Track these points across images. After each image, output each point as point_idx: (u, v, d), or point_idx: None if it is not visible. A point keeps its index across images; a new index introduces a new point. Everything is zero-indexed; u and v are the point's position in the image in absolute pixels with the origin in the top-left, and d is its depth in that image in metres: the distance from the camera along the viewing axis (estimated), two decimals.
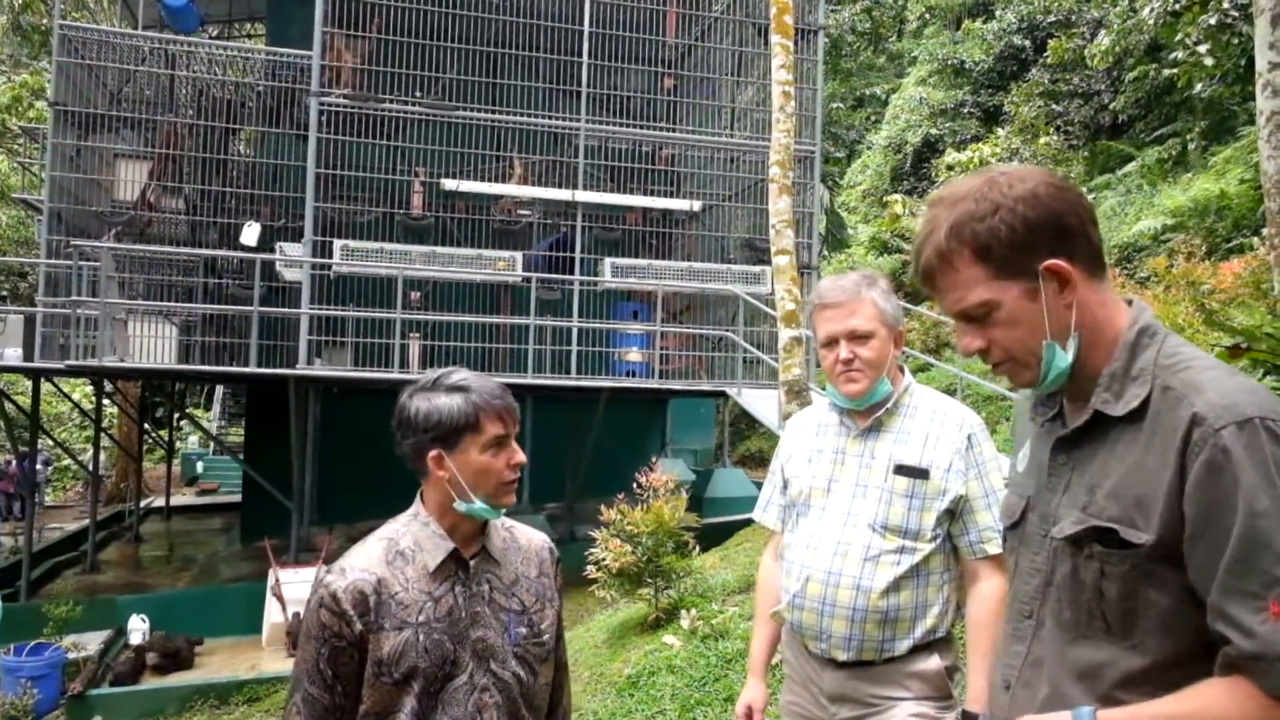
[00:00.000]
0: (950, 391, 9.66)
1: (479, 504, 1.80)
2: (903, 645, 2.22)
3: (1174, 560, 1.30)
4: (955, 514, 2.24)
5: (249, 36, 18.10)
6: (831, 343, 2.31)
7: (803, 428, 2.50)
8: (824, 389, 2.60)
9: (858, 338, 2.28)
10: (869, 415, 2.32)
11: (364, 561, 1.80)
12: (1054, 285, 1.38)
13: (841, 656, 2.25)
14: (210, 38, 15.95)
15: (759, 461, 19.93)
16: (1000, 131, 17.18)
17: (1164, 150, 14.38)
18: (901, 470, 2.24)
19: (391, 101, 11.19)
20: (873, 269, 2.64)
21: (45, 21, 18.25)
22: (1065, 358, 1.41)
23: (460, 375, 1.83)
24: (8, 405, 12.82)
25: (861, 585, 2.22)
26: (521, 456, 1.81)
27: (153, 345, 11.55)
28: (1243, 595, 1.23)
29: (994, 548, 2.21)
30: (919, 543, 2.22)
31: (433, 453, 1.78)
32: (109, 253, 10.42)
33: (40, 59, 20.05)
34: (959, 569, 2.28)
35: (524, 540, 1.99)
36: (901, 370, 2.40)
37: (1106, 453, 1.40)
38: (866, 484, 2.28)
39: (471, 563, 1.85)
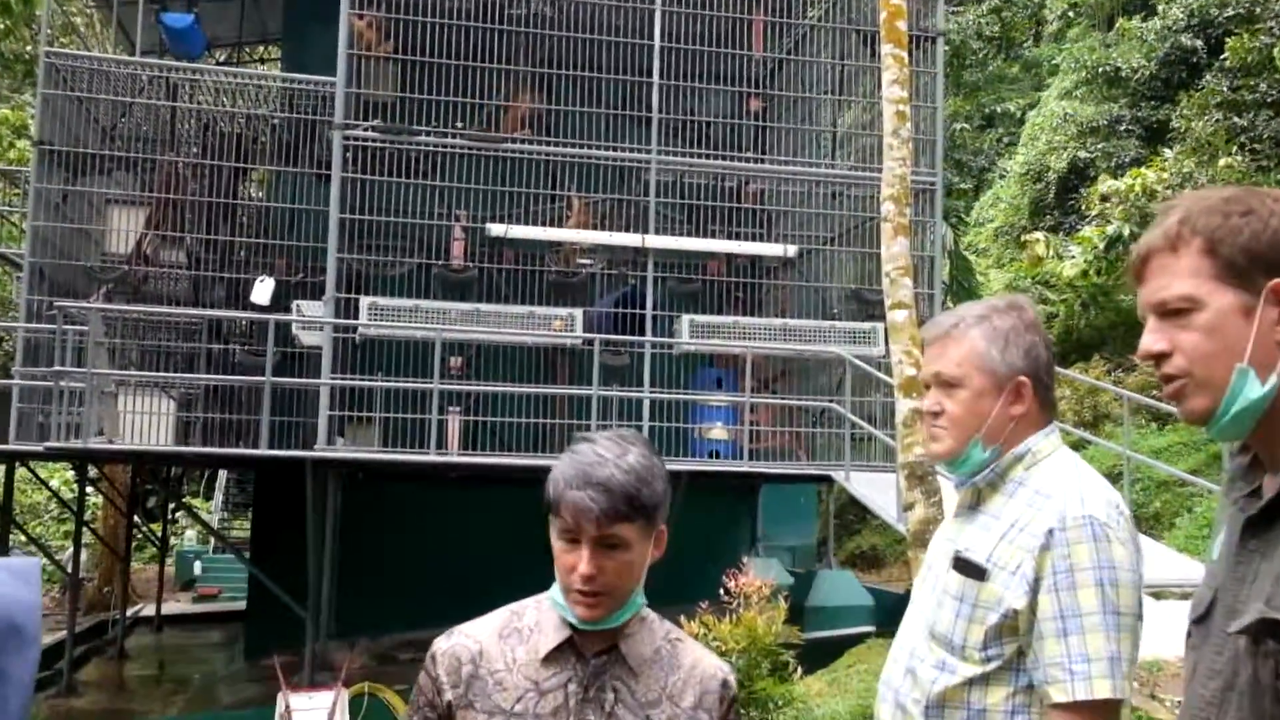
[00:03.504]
0: (1114, 475, 9.48)
1: (560, 598, 1.82)
2: None
3: None
4: (1023, 634, 2.02)
5: (262, 61, 18.84)
6: (926, 387, 2.24)
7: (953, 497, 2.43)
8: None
9: (944, 384, 2.16)
10: (971, 487, 2.20)
11: (475, 628, 1.89)
12: (1275, 312, 1.43)
13: None
14: (217, 63, 16.65)
15: (871, 561, 19.63)
16: (1167, 152, 17.01)
17: None
18: (959, 564, 2.10)
19: (428, 134, 11.55)
20: (1018, 295, 2.35)
21: (29, 49, 19.18)
22: (1257, 389, 1.43)
23: (599, 439, 1.81)
24: None
25: (900, 701, 2.13)
26: (586, 569, 1.75)
27: (146, 423, 11.87)
28: None
29: (1060, 693, 1.92)
30: (961, 662, 2.05)
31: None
32: (98, 315, 10.80)
33: (23, 91, 21.06)
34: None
35: (688, 659, 1.91)
36: (1042, 431, 2.18)
37: None
38: (941, 574, 2.18)
39: (593, 661, 1.83)
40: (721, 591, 6.54)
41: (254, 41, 17.80)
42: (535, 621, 1.86)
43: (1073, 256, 17.42)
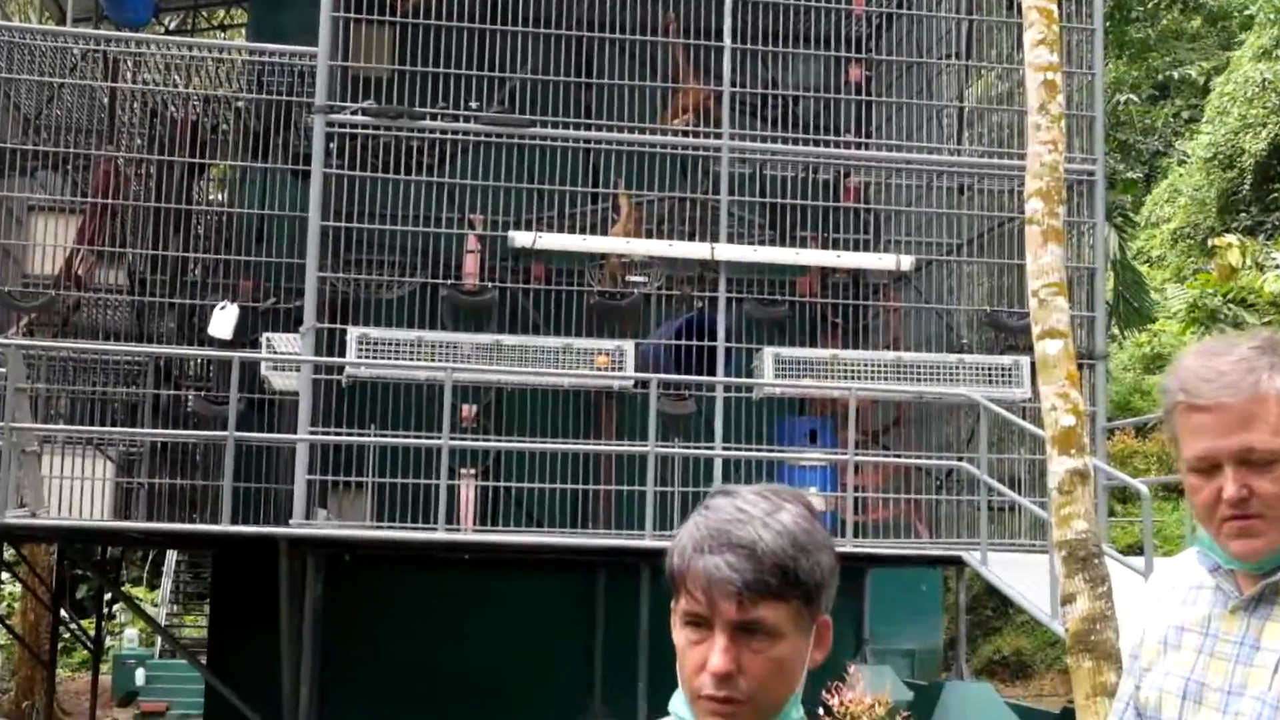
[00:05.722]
0: None
1: (683, 711, 1.67)
2: None
3: None
4: None
5: (223, 29, 19.10)
6: (1208, 468, 2.12)
7: (1167, 591, 2.36)
8: (1195, 542, 2.39)
9: (1255, 464, 2.07)
10: (1260, 577, 2.14)
11: None
12: None
13: None
14: (166, 32, 16.88)
15: (1017, 670, 19.38)
16: None
17: None
18: None
19: (433, 117, 11.62)
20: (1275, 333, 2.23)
21: None
22: None
23: (743, 491, 1.70)
24: None
25: None
26: (720, 662, 1.59)
27: (77, 491, 11.96)
28: None
29: None
30: None
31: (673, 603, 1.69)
32: (18, 353, 10.92)
33: None
34: None
35: None
36: None
37: None
38: (1243, 690, 2.11)
39: None
40: (820, 710, 6.45)
41: (213, 3, 18.05)
42: None
43: (1277, 266, 17.20)
